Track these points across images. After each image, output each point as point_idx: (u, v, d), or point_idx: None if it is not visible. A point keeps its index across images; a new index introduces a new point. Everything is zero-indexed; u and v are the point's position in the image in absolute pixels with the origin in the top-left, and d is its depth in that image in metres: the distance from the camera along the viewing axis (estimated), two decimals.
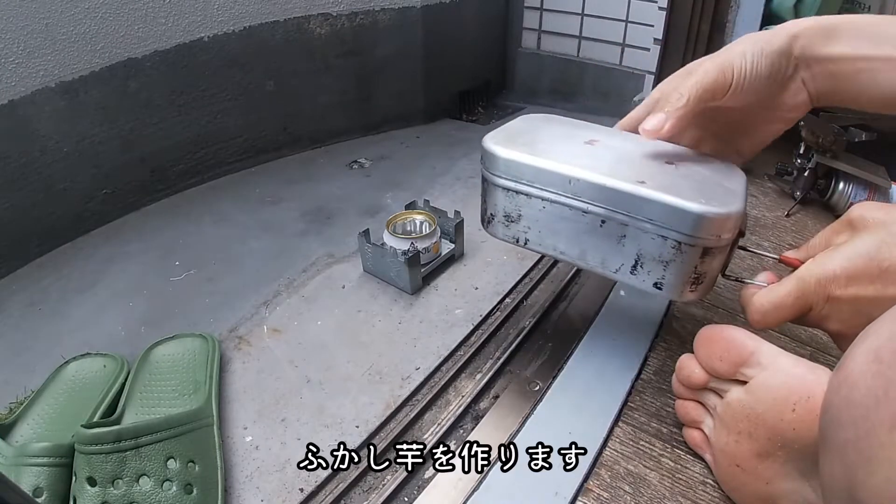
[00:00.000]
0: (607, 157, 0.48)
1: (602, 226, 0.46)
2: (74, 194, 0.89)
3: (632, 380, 0.57)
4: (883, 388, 0.24)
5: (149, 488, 0.45)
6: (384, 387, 0.60)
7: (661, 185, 0.43)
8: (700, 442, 0.48)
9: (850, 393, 0.26)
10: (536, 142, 0.50)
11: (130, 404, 0.55)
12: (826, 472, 0.29)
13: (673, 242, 0.43)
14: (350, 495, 0.49)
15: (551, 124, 0.56)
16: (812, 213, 0.88)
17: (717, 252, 0.44)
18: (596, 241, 0.47)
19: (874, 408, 0.24)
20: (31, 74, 0.79)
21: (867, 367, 0.26)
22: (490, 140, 0.50)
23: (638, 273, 0.46)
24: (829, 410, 0.29)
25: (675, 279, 0.45)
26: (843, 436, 0.26)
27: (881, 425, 0.24)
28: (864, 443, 0.24)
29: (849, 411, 0.26)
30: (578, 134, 0.53)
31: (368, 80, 1.23)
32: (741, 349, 0.43)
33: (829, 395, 0.29)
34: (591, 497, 0.46)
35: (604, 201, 0.45)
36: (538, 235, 0.49)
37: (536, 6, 1.42)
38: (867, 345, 0.27)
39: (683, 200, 0.42)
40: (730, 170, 0.49)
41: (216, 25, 0.98)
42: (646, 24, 1.26)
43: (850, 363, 0.27)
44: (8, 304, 0.76)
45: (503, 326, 0.68)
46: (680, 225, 0.42)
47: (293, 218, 0.95)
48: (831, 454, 0.28)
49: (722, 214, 0.42)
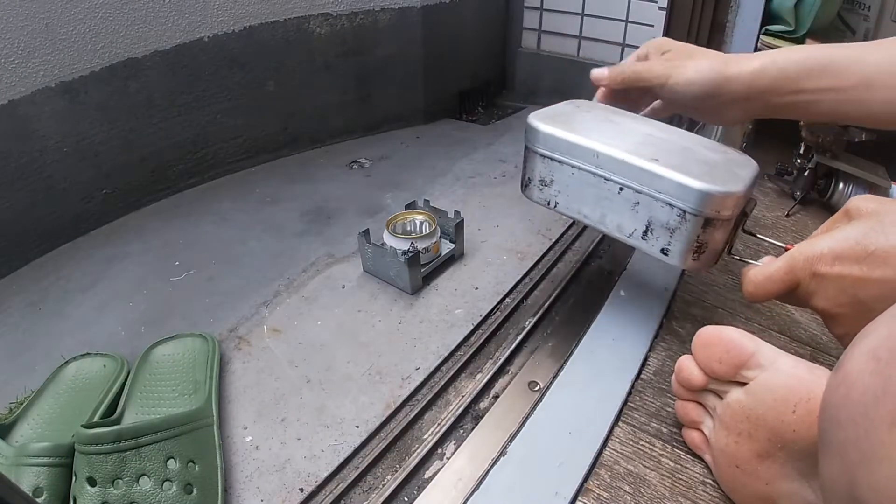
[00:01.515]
0: (632, 138, 0.55)
1: (619, 193, 0.53)
2: (74, 194, 0.89)
3: (632, 380, 0.57)
4: (882, 385, 0.24)
5: (149, 488, 0.45)
6: (384, 387, 0.60)
7: (672, 164, 0.50)
8: (700, 443, 0.48)
9: (849, 392, 0.26)
10: (572, 121, 0.58)
11: (130, 404, 0.55)
12: (826, 472, 0.29)
13: (679, 211, 0.50)
14: (350, 495, 0.49)
15: (590, 109, 0.63)
16: (812, 213, 0.88)
17: (719, 225, 0.50)
18: (614, 207, 0.54)
19: (873, 406, 0.24)
20: (31, 74, 0.79)
21: (865, 366, 0.26)
22: (534, 117, 0.59)
23: (648, 238, 0.53)
24: (827, 410, 0.29)
25: (680, 246, 0.52)
26: (843, 435, 0.26)
27: (881, 423, 0.24)
28: (864, 441, 0.24)
29: (848, 410, 0.26)
30: (612, 118, 0.60)
31: (368, 80, 1.23)
32: (741, 351, 0.43)
33: (827, 394, 0.29)
34: (591, 497, 0.46)
35: (622, 173, 0.52)
36: (566, 199, 0.58)
37: (536, 6, 1.42)
38: (865, 344, 0.27)
39: (688, 178, 0.48)
40: (743, 159, 0.54)
41: (216, 25, 0.98)
42: (646, 24, 1.26)
43: (848, 362, 0.27)
44: (8, 304, 0.76)
45: (503, 326, 0.68)
46: (684, 198, 0.49)
47: (293, 218, 0.95)
48: (831, 453, 0.28)
49: (721, 192, 0.48)
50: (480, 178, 1.07)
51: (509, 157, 1.15)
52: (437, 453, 0.52)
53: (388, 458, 0.52)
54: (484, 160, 1.14)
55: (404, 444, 0.54)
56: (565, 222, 0.91)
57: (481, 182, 1.05)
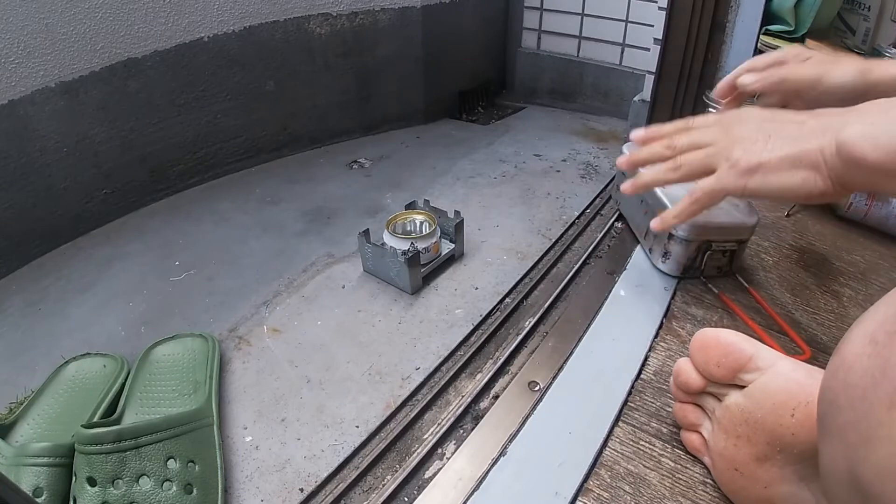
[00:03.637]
0: None
1: (641, 203, 0.75)
2: (74, 194, 0.89)
3: (631, 380, 0.57)
4: (880, 368, 0.25)
5: (149, 488, 0.45)
6: (384, 387, 0.60)
7: (669, 193, 0.67)
8: (699, 445, 0.48)
9: (848, 376, 0.27)
10: None
11: (130, 404, 0.55)
12: (826, 457, 0.29)
13: None
14: (350, 495, 0.49)
15: None
16: (812, 213, 0.88)
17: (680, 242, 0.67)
18: (638, 209, 0.76)
19: (872, 388, 0.25)
20: (31, 74, 0.79)
21: (863, 350, 0.26)
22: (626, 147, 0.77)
23: (647, 237, 0.73)
24: (826, 395, 0.29)
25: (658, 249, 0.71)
26: (843, 418, 0.27)
27: (879, 404, 0.24)
28: (863, 423, 0.25)
29: (847, 393, 0.26)
30: None
31: (368, 80, 1.23)
32: (739, 354, 0.43)
33: (826, 379, 0.29)
34: (591, 497, 0.46)
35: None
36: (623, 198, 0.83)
37: (536, 6, 1.42)
38: (862, 328, 0.27)
39: (669, 204, 0.64)
40: (747, 208, 0.68)
41: (216, 25, 0.98)
42: (646, 24, 1.26)
43: (846, 347, 0.28)
44: (8, 304, 0.76)
45: (503, 326, 0.68)
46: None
47: (293, 218, 0.95)
48: (831, 437, 0.28)
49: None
50: (480, 178, 1.07)
51: (509, 157, 1.15)
52: (437, 453, 0.52)
53: (388, 458, 0.52)
54: (484, 160, 1.14)
55: (404, 444, 0.54)
56: (565, 222, 0.91)
57: (481, 182, 1.05)
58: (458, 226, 0.79)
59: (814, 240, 0.81)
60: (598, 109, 1.43)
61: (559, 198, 0.99)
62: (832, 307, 0.67)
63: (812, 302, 0.68)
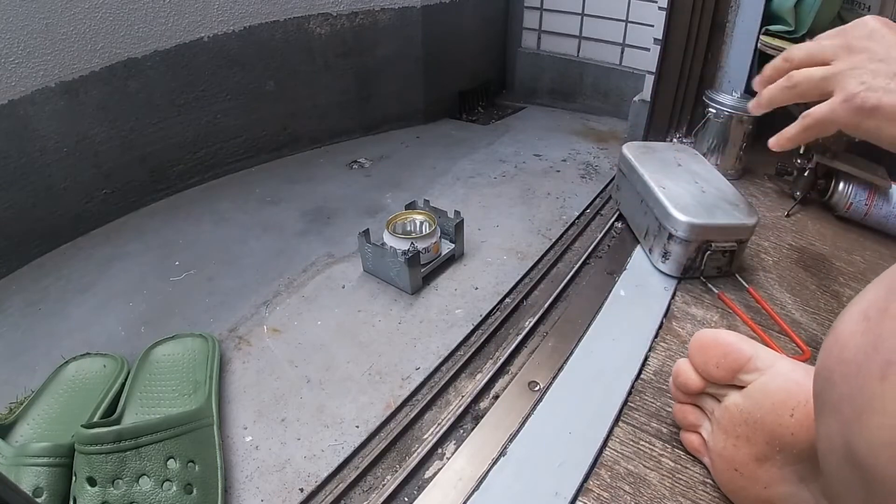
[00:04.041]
0: (672, 174, 0.76)
1: (641, 203, 0.76)
2: (74, 194, 0.89)
3: (631, 380, 0.57)
4: (872, 343, 0.25)
5: (149, 488, 0.45)
6: (384, 387, 0.60)
7: (669, 194, 0.71)
8: (698, 446, 0.48)
9: (842, 352, 0.27)
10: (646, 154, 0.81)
11: (130, 404, 0.55)
12: (822, 433, 0.29)
13: (658, 224, 0.71)
14: (350, 495, 0.49)
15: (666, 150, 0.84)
16: (812, 213, 0.88)
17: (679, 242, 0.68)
18: (638, 209, 0.78)
19: (865, 363, 0.25)
20: (31, 74, 0.79)
21: (856, 327, 0.27)
22: (625, 148, 0.83)
23: (647, 237, 0.75)
24: (822, 373, 0.29)
25: (658, 249, 0.72)
26: (837, 393, 0.27)
27: (872, 377, 0.25)
28: (857, 396, 0.25)
29: (841, 369, 0.27)
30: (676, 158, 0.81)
31: (368, 80, 1.23)
32: (738, 355, 0.43)
33: (821, 359, 0.30)
34: (591, 497, 0.46)
35: (643, 190, 0.75)
36: (623, 198, 0.85)
37: (536, 6, 1.42)
38: (856, 307, 0.28)
39: (668, 204, 0.69)
40: (747, 208, 0.69)
41: (216, 25, 0.98)
42: (646, 24, 1.26)
43: (840, 325, 0.28)
44: (8, 304, 0.76)
45: (503, 326, 0.68)
46: (663, 215, 0.70)
47: (293, 218, 0.95)
48: (827, 413, 0.28)
49: (680, 222, 0.67)
50: (480, 178, 1.07)
51: (509, 157, 1.15)
52: (437, 453, 0.52)
53: (388, 458, 0.52)
54: (484, 160, 1.14)
55: (404, 444, 0.54)
56: (565, 222, 0.91)
57: (481, 182, 1.05)
58: (458, 226, 0.79)
59: (814, 240, 0.81)
60: (598, 109, 1.43)
61: (559, 198, 0.99)
62: (832, 307, 0.67)
63: (812, 302, 0.68)
